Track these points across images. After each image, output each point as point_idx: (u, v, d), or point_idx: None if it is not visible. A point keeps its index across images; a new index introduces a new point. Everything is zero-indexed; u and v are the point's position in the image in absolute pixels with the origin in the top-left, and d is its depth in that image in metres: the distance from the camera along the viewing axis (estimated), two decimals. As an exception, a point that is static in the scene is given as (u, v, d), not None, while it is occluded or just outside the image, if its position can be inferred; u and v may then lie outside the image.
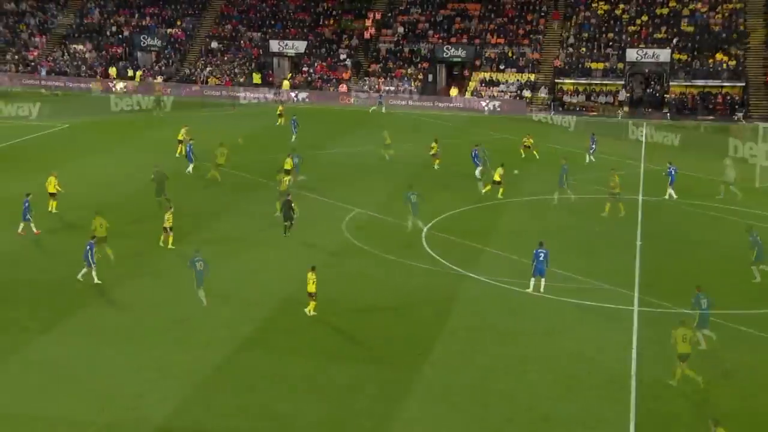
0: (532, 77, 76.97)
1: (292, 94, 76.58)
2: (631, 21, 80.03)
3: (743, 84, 73.32)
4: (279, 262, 34.75)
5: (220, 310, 29.81)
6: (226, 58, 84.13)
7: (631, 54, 76.56)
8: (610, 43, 78.50)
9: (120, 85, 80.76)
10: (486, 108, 73.65)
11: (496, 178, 44.23)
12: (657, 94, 75.68)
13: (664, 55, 75.82)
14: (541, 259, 31.21)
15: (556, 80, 76.77)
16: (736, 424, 22.82)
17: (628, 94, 75.45)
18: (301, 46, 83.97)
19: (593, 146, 54.46)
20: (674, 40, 76.54)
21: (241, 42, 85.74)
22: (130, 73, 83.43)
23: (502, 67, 78.62)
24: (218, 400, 23.68)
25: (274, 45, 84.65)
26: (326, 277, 33.11)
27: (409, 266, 34.45)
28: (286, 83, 79.34)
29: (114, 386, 24.28)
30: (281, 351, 26.79)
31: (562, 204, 43.59)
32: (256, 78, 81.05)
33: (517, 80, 76.98)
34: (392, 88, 77.66)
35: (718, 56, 74.93)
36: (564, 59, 77.72)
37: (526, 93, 75.15)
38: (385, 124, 63.10)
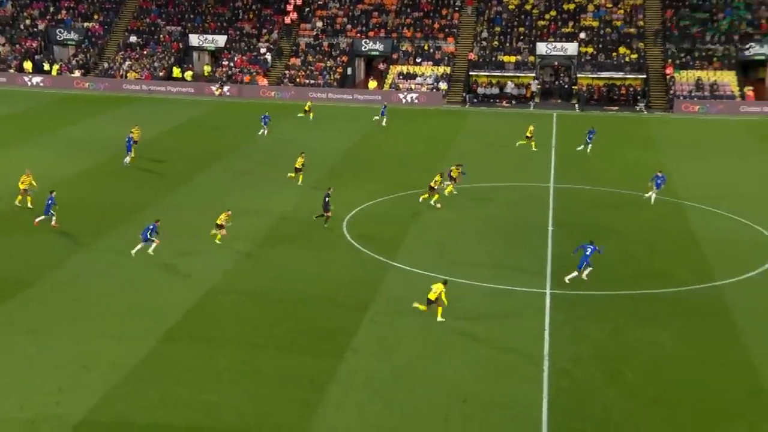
0: (448, 70, 78.22)
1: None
2: (540, 15, 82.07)
3: (644, 76, 76.09)
4: (204, 252, 34.92)
5: (146, 302, 29.94)
6: (145, 53, 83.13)
7: (541, 47, 78.71)
8: (521, 37, 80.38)
9: (36, 80, 79.19)
10: (404, 100, 74.60)
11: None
12: (566, 86, 77.92)
13: (571, 48, 78.14)
14: (587, 253, 32.30)
15: (470, 73, 78.17)
16: (645, 398, 24.18)
17: (539, 86, 77.41)
18: (221, 40, 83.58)
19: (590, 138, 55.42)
20: (581, 34, 78.89)
21: (161, 36, 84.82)
22: (47, 67, 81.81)
23: (418, 60, 79.69)
24: (143, 392, 23.86)
25: (194, 39, 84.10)
26: (251, 268, 33.62)
27: (333, 256, 35.08)
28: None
29: (35, 382, 24.22)
30: (206, 342, 27.08)
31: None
32: (176, 72, 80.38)
33: (434, 73, 78.15)
34: (312, 81, 78.03)
35: (621, 50, 77.52)
36: (478, 53, 79.23)
37: (442, 85, 76.35)
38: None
